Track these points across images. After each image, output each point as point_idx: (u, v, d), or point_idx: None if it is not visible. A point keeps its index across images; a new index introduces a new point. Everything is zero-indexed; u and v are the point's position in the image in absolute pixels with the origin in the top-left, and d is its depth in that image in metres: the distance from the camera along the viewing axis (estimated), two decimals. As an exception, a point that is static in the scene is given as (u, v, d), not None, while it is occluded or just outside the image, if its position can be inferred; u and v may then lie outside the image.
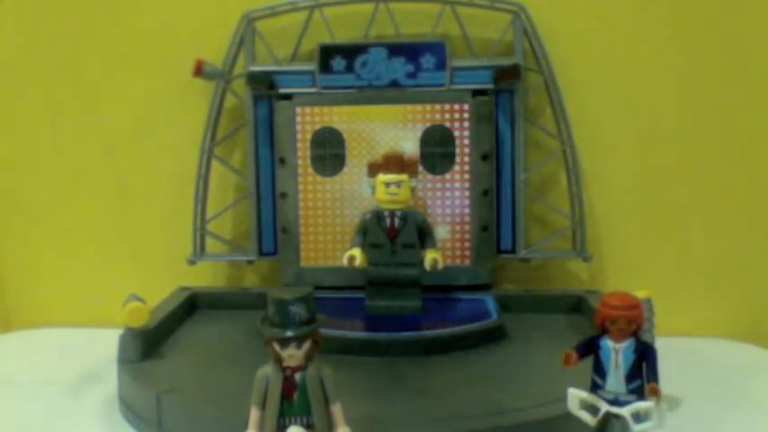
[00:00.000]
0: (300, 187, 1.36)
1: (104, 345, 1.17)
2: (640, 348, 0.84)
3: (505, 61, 1.33)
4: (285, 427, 0.81)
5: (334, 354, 1.07)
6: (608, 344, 0.84)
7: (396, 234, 1.19)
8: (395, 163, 1.20)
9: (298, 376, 0.81)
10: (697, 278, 1.43)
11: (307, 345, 0.80)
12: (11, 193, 1.54)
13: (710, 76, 1.39)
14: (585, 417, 0.85)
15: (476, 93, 1.33)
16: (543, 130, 1.39)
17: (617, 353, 0.84)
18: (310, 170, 1.36)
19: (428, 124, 1.34)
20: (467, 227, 1.35)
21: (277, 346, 0.80)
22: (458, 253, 1.35)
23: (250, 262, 1.43)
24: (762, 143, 1.40)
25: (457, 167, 1.34)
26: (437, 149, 1.34)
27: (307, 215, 1.36)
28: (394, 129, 1.34)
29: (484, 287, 1.35)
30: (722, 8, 1.37)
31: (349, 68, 1.34)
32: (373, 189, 1.21)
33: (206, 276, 1.48)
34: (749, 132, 1.40)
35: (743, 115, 1.39)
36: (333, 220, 1.36)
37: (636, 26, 1.39)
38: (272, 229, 1.41)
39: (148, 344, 1.15)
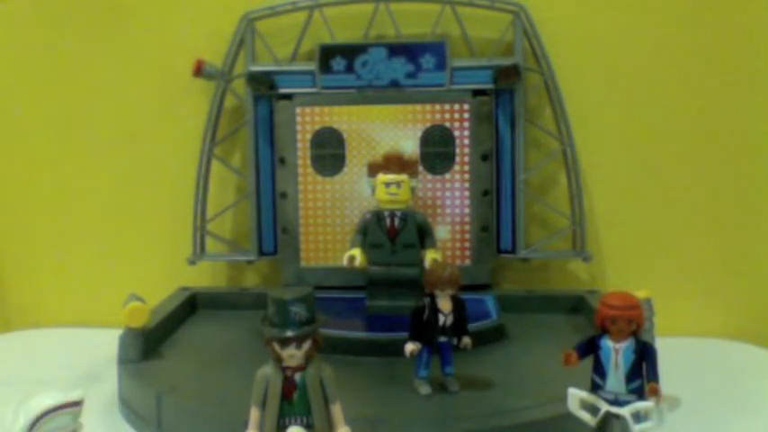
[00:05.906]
0: (300, 187, 1.36)
1: (104, 345, 1.17)
2: (640, 348, 0.84)
3: (505, 61, 1.33)
4: (285, 427, 0.80)
5: (335, 354, 1.08)
6: (608, 344, 0.84)
7: (396, 234, 1.19)
8: (395, 163, 1.20)
9: (298, 376, 0.81)
10: (696, 278, 1.43)
11: (307, 345, 0.80)
12: (11, 193, 1.54)
13: (711, 75, 1.39)
14: (585, 417, 0.85)
15: (476, 93, 1.33)
16: (543, 130, 1.39)
17: (617, 353, 0.84)
18: (310, 170, 1.36)
19: (428, 124, 1.34)
20: (467, 227, 1.35)
21: (277, 346, 0.80)
22: (458, 253, 1.35)
23: (250, 262, 1.43)
24: (762, 143, 1.40)
25: (457, 167, 1.34)
26: (437, 149, 1.34)
27: (307, 215, 1.36)
28: (394, 129, 1.34)
29: (484, 287, 1.35)
30: (723, 8, 1.37)
31: (349, 68, 1.34)
32: (373, 189, 1.21)
33: (206, 276, 1.48)
34: (749, 132, 1.40)
35: (743, 115, 1.39)
36: (333, 220, 1.36)
37: (636, 26, 1.39)
38: (272, 229, 1.41)
39: (148, 344, 1.15)
